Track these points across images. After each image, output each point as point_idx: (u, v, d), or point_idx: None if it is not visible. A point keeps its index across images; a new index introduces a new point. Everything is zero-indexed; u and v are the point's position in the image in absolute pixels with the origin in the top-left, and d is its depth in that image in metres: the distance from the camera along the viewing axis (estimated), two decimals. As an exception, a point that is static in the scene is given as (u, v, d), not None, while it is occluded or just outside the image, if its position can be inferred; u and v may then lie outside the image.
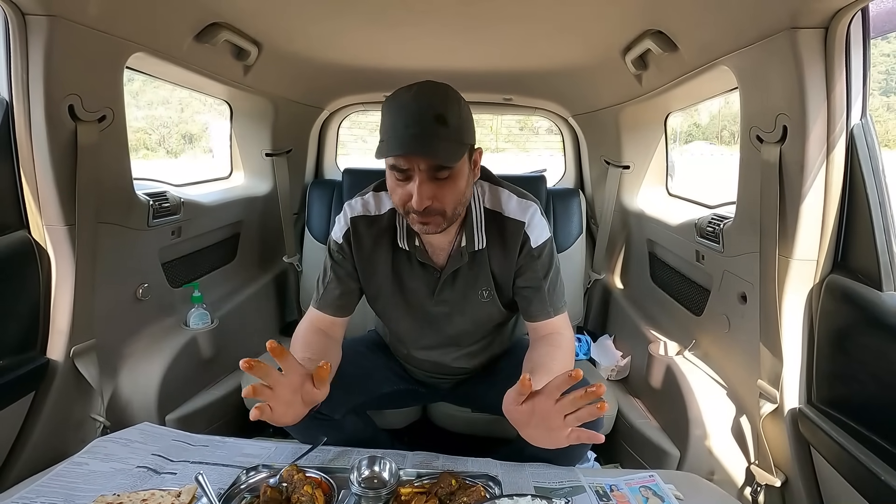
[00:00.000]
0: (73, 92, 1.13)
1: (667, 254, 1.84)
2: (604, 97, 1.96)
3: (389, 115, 0.98)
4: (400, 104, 0.97)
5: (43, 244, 1.20)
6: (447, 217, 1.03)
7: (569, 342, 1.16)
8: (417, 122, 0.94)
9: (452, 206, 1.02)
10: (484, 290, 1.18)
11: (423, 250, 1.15)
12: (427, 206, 0.98)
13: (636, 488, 1.10)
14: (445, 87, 1.00)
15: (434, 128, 0.94)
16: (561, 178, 2.52)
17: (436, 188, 0.98)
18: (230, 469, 1.06)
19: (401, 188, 1.01)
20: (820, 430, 1.08)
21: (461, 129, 0.99)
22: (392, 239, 1.16)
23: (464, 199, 1.06)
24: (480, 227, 1.14)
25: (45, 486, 0.99)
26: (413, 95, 0.97)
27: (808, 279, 1.15)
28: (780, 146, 1.11)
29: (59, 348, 1.23)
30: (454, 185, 1.00)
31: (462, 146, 0.99)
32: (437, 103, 0.96)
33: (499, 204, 1.15)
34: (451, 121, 0.96)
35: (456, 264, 1.15)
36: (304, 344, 1.12)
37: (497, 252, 1.15)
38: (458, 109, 0.99)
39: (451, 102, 0.98)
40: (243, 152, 2.17)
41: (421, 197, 0.97)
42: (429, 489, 0.97)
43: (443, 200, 1.00)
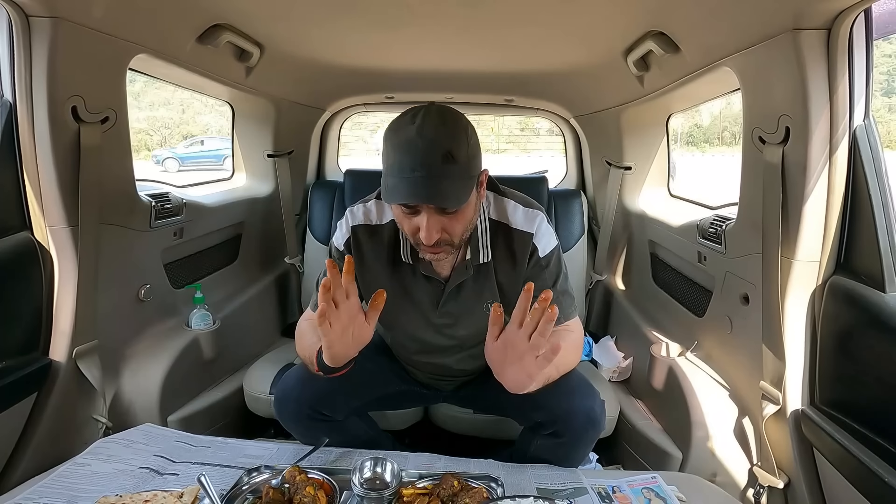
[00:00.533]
0: (76, 93, 1.13)
1: (669, 255, 1.84)
2: (605, 98, 1.96)
3: (395, 152, 0.94)
4: (405, 140, 0.92)
5: (46, 245, 1.20)
6: (455, 245, 1.03)
7: (576, 338, 1.16)
8: (424, 164, 0.90)
9: (460, 235, 1.02)
10: (489, 303, 1.16)
11: (427, 264, 1.14)
12: (437, 239, 0.98)
13: (638, 490, 1.10)
14: (452, 115, 0.97)
15: (442, 168, 0.91)
16: (562, 180, 2.51)
17: (445, 221, 0.97)
18: (232, 470, 1.06)
19: (408, 221, 1.00)
20: (823, 431, 1.08)
21: (469, 164, 0.95)
22: (394, 250, 1.15)
23: (471, 227, 1.05)
24: (486, 239, 1.13)
25: (48, 486, 0.99)
26: (418, 130, 0.91)
27: (811, 280, 1.14)
28: (783, 147, 1.11)
29: (62, 349, 1.23)
30: (462, 217, 0.99)
31: (470, 181, 0.96)
32: (443, 139, 0.91)
33: (505, 215, 1.14)
34: (460, 157, 0.92)
35: (460, 277, 1.14)
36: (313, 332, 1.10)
37: (504, 264, 1.14)
38: (465, 141, 0.95)
39: (458, 135, 0.94)
40: (245, 153, 2.18)
41: (430, 232, 0.96)
42: (431, 490, 0.97)
43: (452, 232, 0.99)
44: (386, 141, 0.97)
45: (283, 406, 1.20)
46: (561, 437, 1.14)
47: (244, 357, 1.86)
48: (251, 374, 1.69)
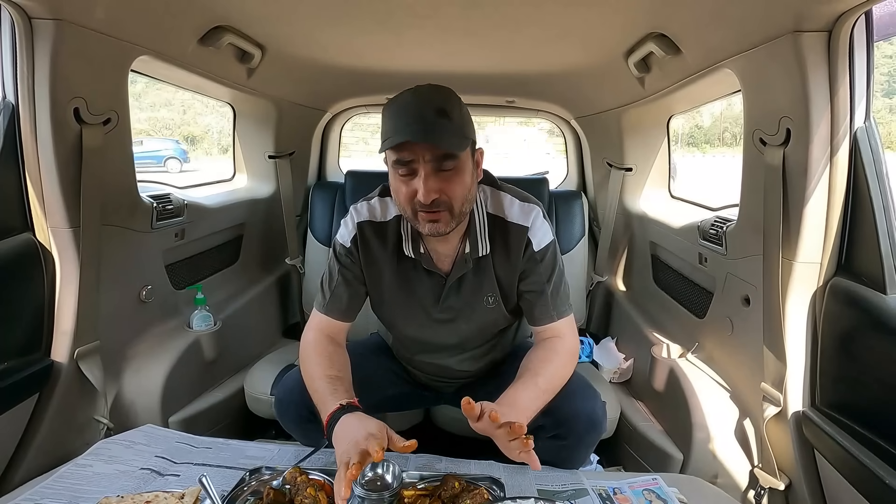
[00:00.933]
0: (78, 95, 1.14)
1: (669, 256, 1.84)
2: (606, 100, 1.96)
3: (391, 116, 0.99)
4: (401, 103, 0.98)
5: (48, 246, 1.21)
6: (455, 213, 1.03)
7: (570, 347, 1.16)
8: (419, 118, 0.95)
9: (460, 200, 1.02)
10: (489, 297, 1.17)
11: (429, 257, 1.14)
12: (434, 198, 0.98)
13: (639, 491, 1.09)
14: (446, 87, 1.02)
15: (437, 120, 0.96)
16: (563, 181, 2.52)
17: (442, 181, 0.98)
18: (233, 471, 1.06)
19: (406, 186, 1.00)
20: (824, 433, 1.08)
21: (463, 124, 1.00)
22: (398, 246, 1.16)
23: (470, 197, 1.05)
24: (484, 232, 1.13)
25: (50, 487, 0.99)
26: (413, 93, 0.99)
27: (812, 282, 1.14)
28: (784, 149, 1.11)
29: (63, 350, 1.23)
30: (460, 178, 1.00)
31: (465, 139, 1.00)
32: (437, 100, 0.98)
33: (501, 209, 1.15)
34: (454, 115, 0.98)
35: (461, 271, 1.14)
36: (325, 358, 1.11)
37: (501, 258, 1.15)
38: (459, 106, 1.01)
39: (452, 100, 1.00)
40: (246, 154, 2.18)
41: (427, 189, 0.97)
42: (432, 492, 0.97)
43: (450, 193, 1.00)
44: (384, 113, 1.02)
45: (284, 407, 1.20)
46: (562, 440, 1.13)
47: (245, 358, 1.86)
48: (252, 375, 1.69)
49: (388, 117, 1.00)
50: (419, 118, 0.95)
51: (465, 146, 1.00)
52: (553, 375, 1.09)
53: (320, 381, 1.06)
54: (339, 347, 1.17)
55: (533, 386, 1.03)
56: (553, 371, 1.10)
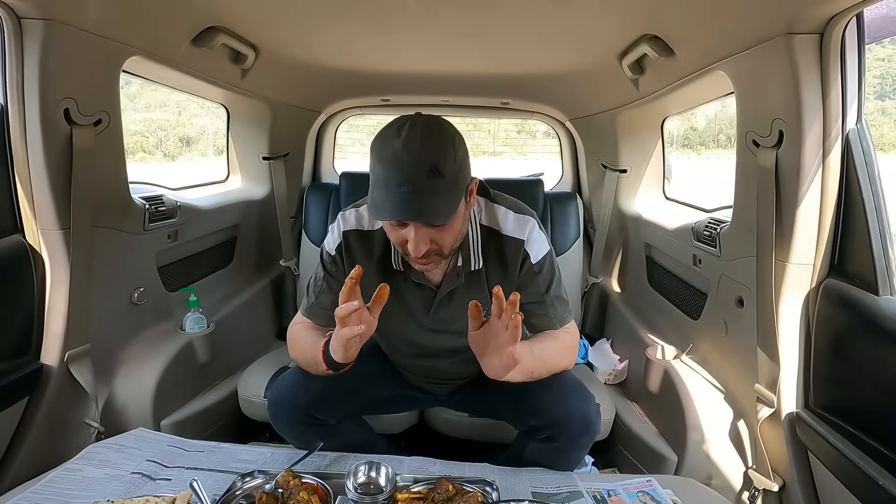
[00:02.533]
0: (68, 96, 1.13)
1: (664, 258, 1.84)
2: (601, 101, 1.97)
3: (380, 166, 0.94)
4: (391, 154, 0.92)
5: (38, 248, 1.19)
6: (445, 255, 1.03)
7: (570, 339, 1.16)
8: (410, 180, 0.90)
9: (449, 246, 1.02)
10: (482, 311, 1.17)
11: (419, 272, 1.14)
12: (426, 250, 0.98)
13: (634, 493, 1.09)
14: (439, 127, 0.95)
15: (428, 183, 0.90)
16: (558, 182, 2.52)
17: (433, 234, 0.97)
18: (225, 475, 1.05)
19: (396, 233, 1.00)
20: (817, 434, 1.08)
21: (456, 177, 0.95)
22: (385, 258, 1.15)
23: (461, 233, 1.05)
24: (477, 246, 1.12)
25: (39, 492, 0.98)
26: (403, 144, 0.90)
27: (805, 283, 1.15)
28: (777, 150, 1.11)
29: (54, 353, 1.22)
30: (451, 228, 0.99)
31: (458, 193, 0.96)
32: (429, 154, 0.91)
33: (496, 221, 1.14)
34: (447, 170, 0.92)
35: (452, 284, 1.14)
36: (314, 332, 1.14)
37: (496, 271, 1.14)
38: (452, 154, 0.94)
39: (445, 148, 0.93)
40: (240, 156, 2.17)
41: (417, 246, 0.96)
42: (426, 495, 0.97)
43: (441, 243, 1.00)
44: (372, 153, 0.96)
45: (277, 410, 1.19)
46: (556, 441, 1.13)
47: (239, 361, 1.85)
48: (245, 377, 1.68)
49: (377, 165, 0.94)
50: (409, 182, 0.90)
51: (457, 205, 0.95)
52: (548, 348, 1.11)
53: (308, 344, 1.09)
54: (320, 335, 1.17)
55: (527, 347, 1.04)
56: (550, 345, 1.11)
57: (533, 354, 1.04)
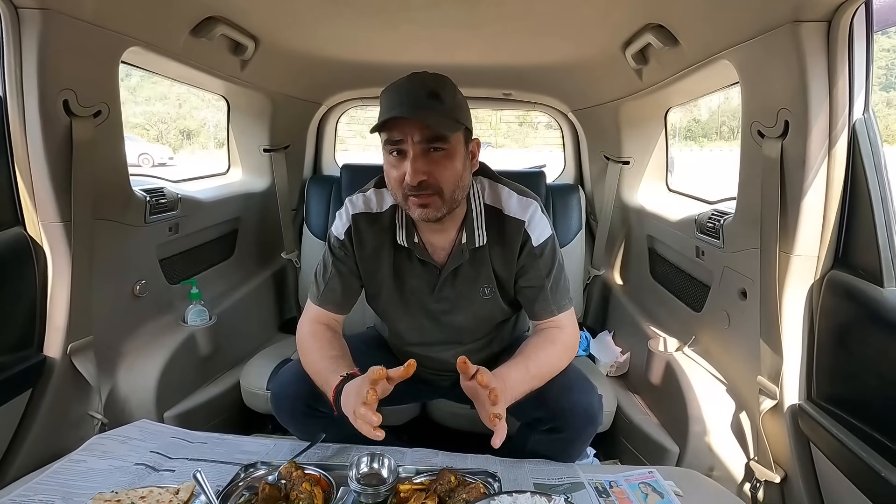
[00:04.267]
0: (67, 87, 1.12)
1: (667, 250, 1.84)
2: (604, 92, 1.95)
3: (384, 98, 1.01)
4: (395, 86, 1.01)
5: (39, 241, 1.19)
6: (445, 198, 1.02)
7: (568, 338, 1.16)
8: (411, 99, 0.97)
9: (450, 185, 1.01)
10: (486, 288, 1.17)
11: (423, 248, 1.14)
12: (422, 180, 0.98)
13: (635, 484, 1.09)
14: (444, 76, 1.03)
15: (427, 102, 0.96)
16: (560, 174, 2.50)
17: (430, 163, 0.99)
18: (229, 466, 1.05)
19: (396, 169, 1.01)
20: (820, 426, 1.08)
21: (455, 108, 1.01)
22: (392, 236, 1.16)
23: (461, 184, 1.05)
24: (481, 223, 1.13)
25: (43, 483, 0.98)
26: (408, 77, 1.01)
27: (809, 275, 1.14)
28: (782, 141, 1.10)
29: (56, 345, 1.22)
30: (449, 162, 1.00)
31: (456, 123, 1.00)
32: (430, 83, 0.99)
33: (499, 201, 1.15)
34: (446, 99, 0.98)
35: (457, 262, 1.14)
36: (324, 342, 1.13)
37: (497, 250, 1.14)
38: (452, 92, 1.01)
39: (446, 85, 1.01)
40: (241, 148, 2.16)
41: (415, 170, 0.97)
42: (428, 486, 0.97)
43: (439, 176, 0.99)
44: (381, 99, 1.03)
45: (280, 402, 1.19)
46: (559, 433, 1.13)
47: (241, 353, 1.86)
48: (248, 370, 1.69)
49: (383, 100, 1.02)
50: (410, 98, 0.97)
51: (455, 129, 1.00)
52: (545, 363, 1.10)
53: (321, 362, 1.08)
54: (335, 333, 1.17)
55: (523, 369, 1.05)
56: (546, 359, 1.10)
57: (529, 375, 1.05)
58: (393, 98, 0.99)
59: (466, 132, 1.05)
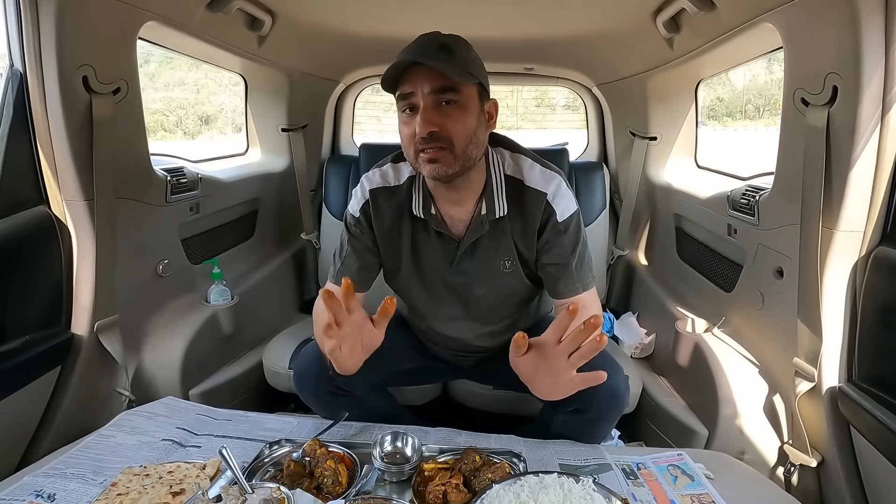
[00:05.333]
0: (86, 63, 1.11)
1: (695, 228, 1.77)
2: (631, 64, 1.87)
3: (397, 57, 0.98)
4: (407, 45, 0.99)
5: (63, 219, 1.20)
6: (456, 153, 0.98)
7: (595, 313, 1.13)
8: (420, 51, 0.95)
9: (462, 138, 0.97)
10: (506, 261, 1.14)
11: (440, 219, 1.11)
12: (432, 131, 0.95)
13: (664, 466, 1.07)
14: (456, 35, 1.01)
15: (438, 53, 0.94)
16: (583, 152, 2.43)
17: (441, 115, 0.96)
18: (253, 443, 1.06)
19: (408, 126, 0.99)
20: (861, 409, 1.03)
21: (468, 63, 0.98)
22: (410, 209, 1.13)
23: (475, 140, 1.00)
24: (501, 194, 1.09)
25: (74, 457, 1.00)
26: (419, 37, 1.00)
27: (854, 252, 1.08)
28: (829, 108, 1.03)
29: (83, 323, 1.24)
30: (461, 115, 0.97)
31: (469, 76, 0.97)
32: (441, 38, 0.98)
33: (520, 171, 1.11)
34: (458, 52, 0.97)
35: (476, 234, 1.11)
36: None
37: (518, 222, 1.11)
38: (465, 48, 1.00)
39: (458, 41, 0.99)
40: (259, 128, 2.14)
41: (425, 121, 0.95)
42: (452, 465, 0.96)
43: (450, 129, 0.96)
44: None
45: (302, 381, 1.19)
46: (583, 414, 1.11)
47: (263, 333, 1.87)
48: (270, 349, 1.70)
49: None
50: (420, 50, 0.95)
51: (466, 79, 0.96)
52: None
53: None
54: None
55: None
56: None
57: None
58: (402, 53, 0.97)
59: (481, 89, 1.02)
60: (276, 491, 0.81)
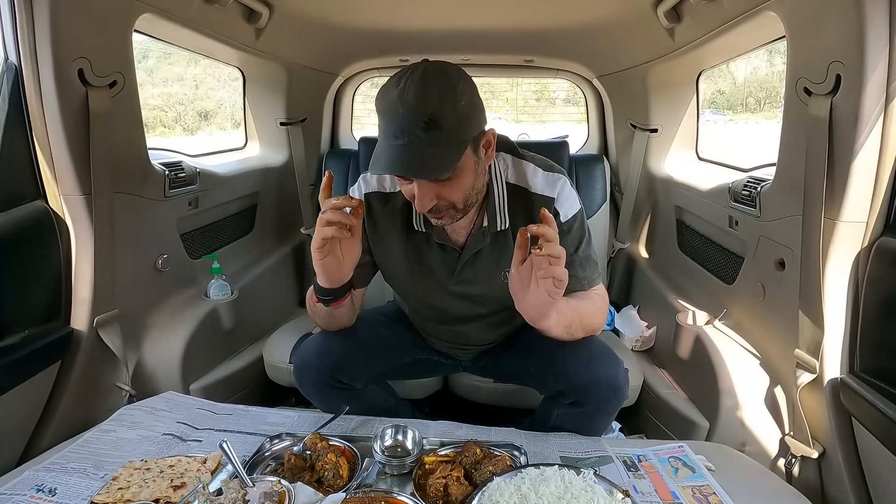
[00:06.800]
0: (81, 55, 1.10)
1: (696, 221, 1.76)
2: (632, 55, 1.85)
3: (380, 116, 0.92)
4: (388, 104, 0.88)
5: (61, 214, 1.19)
6: (459, 209, 0.99)
7: (601, 300, 1.13)
8: (405, 131, 0.86)
9: (462, 200, 0.98)
10: (506, 272, 1.13)
11: (442, 231, 1.10)
12: (432, 206, 0.95)
13: (665, 459, 1.07)
14: (441, 74, 0.89)
15: (423, 136, 0.86)
16: (584, 144, 2.42)
17: (438, 188, 0.94)
18: (254, 437, 1.06)
19: (405, 186, 0.97)
20: (864, 400, 1.02)
21: (458, 128, 0.89)
22: (407, 219, 1.12)
23: (476, 190, 1.00)
24: (503, 205, 1.08)
25: (75, 452, 1.00)
26: (399, 94, 0.86)
27: (856, 243, 1.07)
28: (832, 98, 1.02)
29: (83, 318, 1.23)
30: (458, 183, 0.95)
31: (460, 146, 0.90)
32: (426, 103, 0.85)
33: (524, 179, 1.09)
34: (446, 121, 0.86)
35: (477, 245, 1.10)
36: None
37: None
38: (454, 103, 0.88)
39: (444, 97, 0.87)
40: (257, 121, 2.13)
41: (422, 201, 0.93)
42: (453, 458, 0.96)
43: (448, 198, 0.96)
44: (376, 105, 0.93)
45: (302, 375, 1.19)
46: (582, 406, 1.11)
47: (263, 327, 1.87)
48: (270, 343, 1.69)
49: (379, 115, 0.92)
50: (404, 133, 0.86)
51: (458, 158, 0.90)
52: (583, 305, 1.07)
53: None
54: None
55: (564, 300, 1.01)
56: (584, 304, 1.08)
57: (570, 306, 1.02)
58: (387, 128, 0.89)
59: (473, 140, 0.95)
60: (277, 484, 0.82)
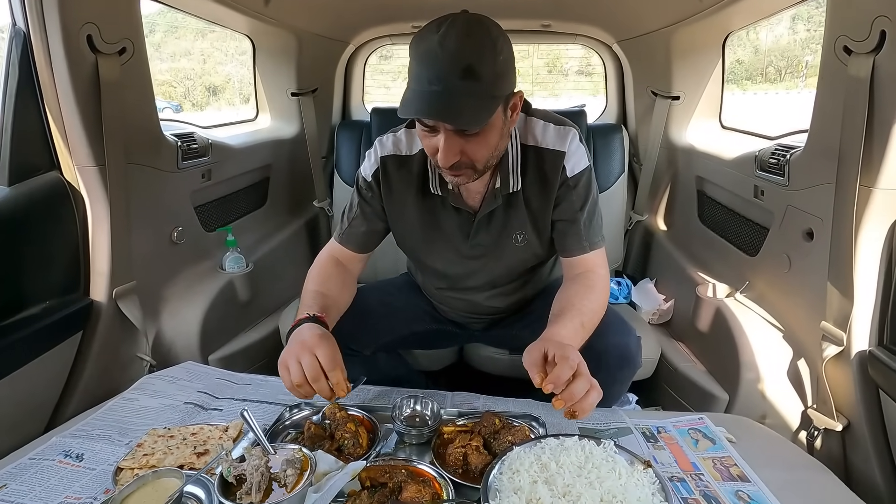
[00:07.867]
0: (89, 21, 1.07)
1: (718, 191, 1.71)
2: (654, 17, 1.77)
3: (415, 62, 0.87)
4: (426, 49, 0.85)
5: (76, 185, 1.19)
6: (478, 170, 0.96)
7: (603, 282, 1.10)
8: (442, 78, 0.83)
9: (483, 160, 0.95)
10: (518, 235, 1.12)
11: (458, 194, 1.09)
12: (454, 161, 0.92)
13: (685, 430, 1.06)
14: (482, 25, 0.86)
15: (460, 85, 0.83)
16: (602, 114, 2.34)
17: (463, 143, 0.91)
18: (273, 406, 1.07)
19: (428, 139, 0.94)
20: (894, 372, 1.00)
21: (495, 82, 0.87)
22: (423, 182, 1.11)
23: (496, 152, 0.98)
24: (516, 167, 1.06)
25: (100, 419, 1.02)
26: (440, 40, 0.83)
27: (892, 211, 1.03)
28: (875, 56, 0.96)
29: (102, 290, 1.24)
30: (484, 140, 0.92)
31: (494, 101, 0.88)
32: (467, 52, 0.83)
33: (534, 136, 1.07)
34: (484, 72, 0.84)
35: (490, 206, 1.09)
36: (321, 276, 1.11)
37: (535, 190, 1.08)
38: (493, 57, 0.85)
39: (484, 49, 0.84)
40: (268, 92, 2.09)
41: (446, 155, 0.90)
42: (472, 428, 0.95)
43: (472, 155, 0.93)
44: (410, 51, 0.89)
45: None
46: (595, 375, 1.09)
47: (278, 300, 1.88)
48: (287, 315, 1.70)
49: (413, 60, 0.88)
50: (440, 80, 0.83)
51: (492, 113, 0.88)
52: (594, 313, 1.04)
53: (307, 294, 1.08)
54: (342, 271, 1.15)
55: (578, 325, 0.98)
56: (593, 308, 1.04)
57: (584, 331, 0.99)
58: (422, 73, 0.85)
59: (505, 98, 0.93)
60: (299, 452, 0.82)
